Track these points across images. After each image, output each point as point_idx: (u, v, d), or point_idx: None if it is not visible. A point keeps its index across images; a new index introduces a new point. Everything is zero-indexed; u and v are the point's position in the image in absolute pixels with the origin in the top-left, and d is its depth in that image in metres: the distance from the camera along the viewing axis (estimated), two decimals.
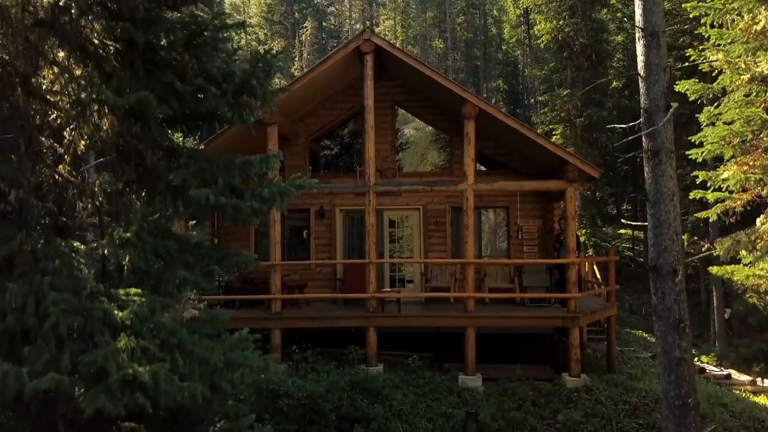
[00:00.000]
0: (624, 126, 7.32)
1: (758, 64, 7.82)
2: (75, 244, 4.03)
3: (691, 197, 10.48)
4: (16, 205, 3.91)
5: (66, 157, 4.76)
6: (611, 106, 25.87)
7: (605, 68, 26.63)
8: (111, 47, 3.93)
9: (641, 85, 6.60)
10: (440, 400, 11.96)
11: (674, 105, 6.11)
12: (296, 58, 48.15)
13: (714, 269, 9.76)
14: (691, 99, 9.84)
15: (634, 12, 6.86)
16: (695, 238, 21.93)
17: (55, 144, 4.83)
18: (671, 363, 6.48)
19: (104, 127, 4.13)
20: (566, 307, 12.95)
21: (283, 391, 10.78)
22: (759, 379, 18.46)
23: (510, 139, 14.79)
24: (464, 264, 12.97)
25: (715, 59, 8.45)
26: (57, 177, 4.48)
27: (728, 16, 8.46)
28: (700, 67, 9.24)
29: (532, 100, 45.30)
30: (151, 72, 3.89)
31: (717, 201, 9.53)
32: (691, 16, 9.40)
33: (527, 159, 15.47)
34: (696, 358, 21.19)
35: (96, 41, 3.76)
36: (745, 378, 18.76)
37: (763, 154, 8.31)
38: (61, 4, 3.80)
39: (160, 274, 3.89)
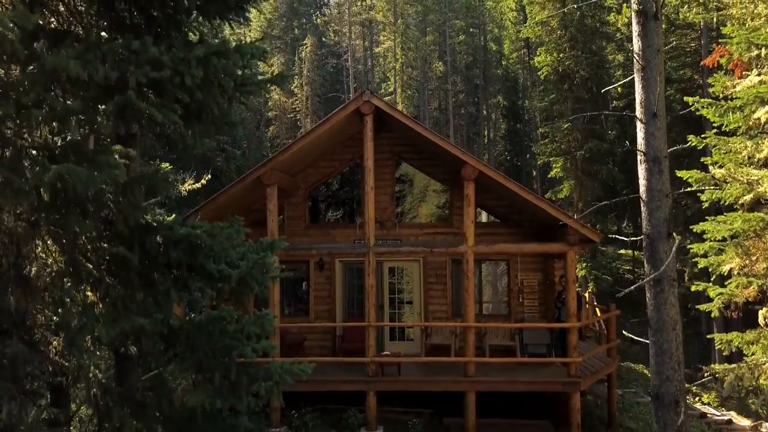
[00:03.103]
0: (627, 239, 7.21)
1: (761, 184, 7.78)
2: None
3: (693, 290, 10.44)
4: (9, 420, 3.84)
5: (61, 333, 4.68)
6: (612, 139, 25.82)
7: (606, 101, 26.58)
8: (106, 254, 3.87)
9: (643, 209, 6.53)
10: None
11: (677, 238, 6.05)
12: (296, 76, 48.03)
13: (718, 367, 9.67)
14: (692, 188, 9.83)
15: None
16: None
17: (50, 313, 4.74)
18: None
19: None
20: (567, 369, 12.90)
21: None
22: (762, 422, 18.35)
23: (510, 195, 14.72)
24: (465, 327, 12.95)
25: (719, 173, 8.41)
26: (50, 366, 4.41)
27: (730, 113, 8.45)
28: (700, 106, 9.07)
29: (532, 109, 45.15)
30: (146, 282, 3.83)
31: (718, 295, 9.50)
32: (692, 109, 9.35)
33: (527, 212, 15.40)
34: (696, 398, 21.11)
35: (91, 258, 3.71)
36: (746, 423, 18.67)
37: (764, 250, 8.27)
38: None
39: None
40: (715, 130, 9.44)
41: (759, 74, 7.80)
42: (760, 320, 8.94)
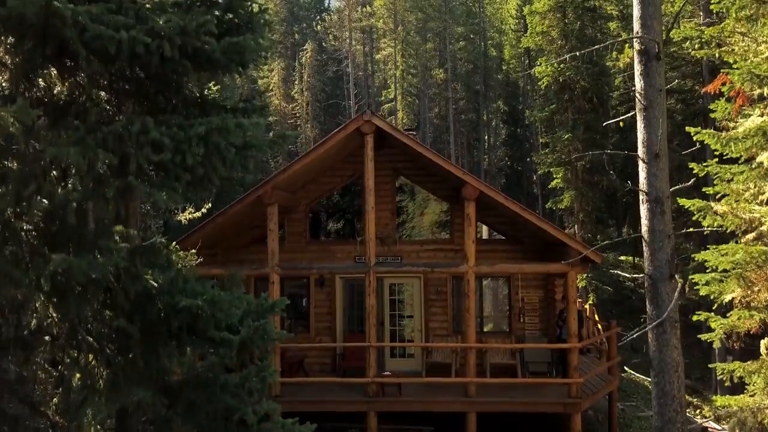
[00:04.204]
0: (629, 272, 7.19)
1: (763, 223, 7.77)
2: None
3: (694, 319, 10.41)
4: None
5: (60, 388, 4.66)
6: (612, 147, 25.80)
7: (606, 111, 26.56)
8: (106, 324, 3.85)
9: (645, 249, 6.51)
10: None
11: (679, 281, 6.03)
12: (296, 81, 48.06)
13: (719, 401, 9.66)
14: (694, 218, 9.81)
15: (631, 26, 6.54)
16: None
17: (50, 368, 4.73)
18: None
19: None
20: (568, 390, 12.87)
21: None
22: None
23: (511, 213, 14.68)
24: (466, 348, 12.94)
25: (720, 209, 8.41)
26: (51, 430, 4.39)
27: (732, 143, 8.44)
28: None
29: (533, 118, 45.10)
30: (146, 349, 3.81)
31: (720, 325, 9.47)
32: (694, 138, 9.34)
33: (529, 230, 15.36)
34: (697, 411, 21.06)
35: (91, 331, 3.69)
36: None
37: (766, 281, 8.27)
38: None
39: None
40: (716, 159, 9.44)
41: (761, 114, 7.79)
42: (762, 351, 8.94)
